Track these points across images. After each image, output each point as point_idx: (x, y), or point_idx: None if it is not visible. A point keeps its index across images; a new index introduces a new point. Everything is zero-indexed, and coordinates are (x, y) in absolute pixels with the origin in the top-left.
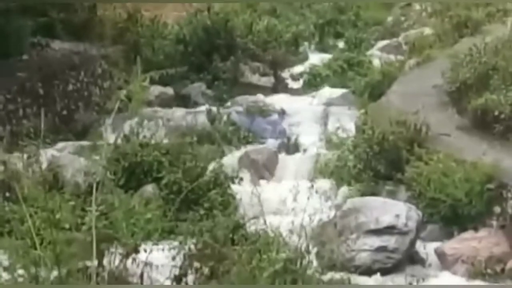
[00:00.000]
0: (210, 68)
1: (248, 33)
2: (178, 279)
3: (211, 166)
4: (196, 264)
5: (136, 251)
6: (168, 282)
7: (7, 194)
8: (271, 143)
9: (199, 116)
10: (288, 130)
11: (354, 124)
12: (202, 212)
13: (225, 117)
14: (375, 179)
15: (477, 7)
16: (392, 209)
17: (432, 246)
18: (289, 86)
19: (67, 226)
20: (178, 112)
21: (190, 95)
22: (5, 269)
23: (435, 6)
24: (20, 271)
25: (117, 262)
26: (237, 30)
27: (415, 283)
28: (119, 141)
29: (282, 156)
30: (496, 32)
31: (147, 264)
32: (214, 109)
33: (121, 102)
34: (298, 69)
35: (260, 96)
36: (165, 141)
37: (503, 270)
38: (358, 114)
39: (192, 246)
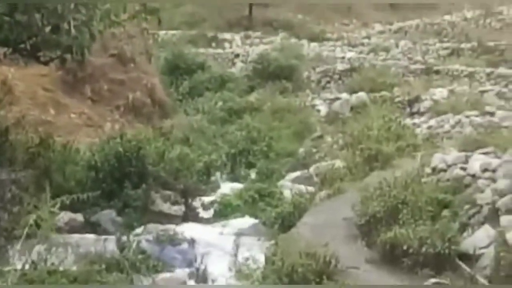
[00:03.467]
0: (121, 195)
1: (160, 161)
2: None
3: None
4: None
5: None
6: None
7: None
8: (180, 272)
9: (109, 243)
10: (198, 259)
11: (264, 255)
12: None
13: (134, 245)
14: None
15: (388, 141)
16: None
17: None
18: (200, 215)
19: None
20: (87, 239)
21: (100, 222)
22: None
23: (346, 139)
24: None
25: None
26: (149, 158)
27: None
28: (26, 267)
29: (191, 285)
30: (406, 167)
31: None
32: (124, 237)
33: (30, 228)
34: (209, 198)
35: (170, 225)
36: (74, 268)
37: None
38: (268, 245)
39: None
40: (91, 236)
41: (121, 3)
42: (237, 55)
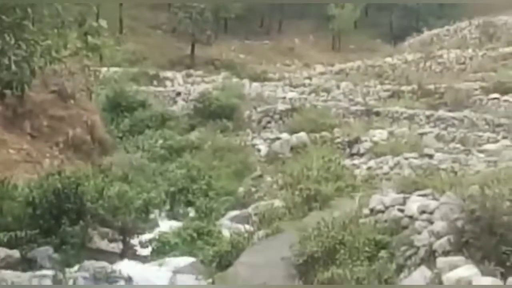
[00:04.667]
0: (58, 232)
1: (99, 198)
2: None
3: None
4: None
5: None
6: None
7: None
8: None
9: (45, 280)
10: None
11: None
12: None
13: (71, 282)
14: None
15: (327, 181)
16: None
17: None
18: (138, 253)
19: None
20: (23, 276)
21: (37, 258)
22: None
23: (286, 179)
24: None
25: None
26: (87, 194)
27: None
28: None
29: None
30: (344, 207)
31: None
32: (60, 273)
33: None
34: (147, 236)
35: (107, 262)
36: None
37: None
38: (205, 284)
39: None
40: (27, 273)
41: (63, 39)
42: (178, 94)
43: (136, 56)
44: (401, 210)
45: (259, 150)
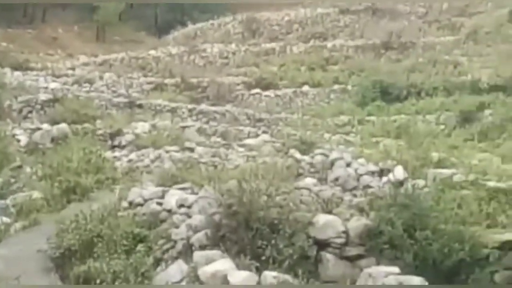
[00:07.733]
0: None
1: None
2: None
3: None
4: None
5: None
6: None
7: None
8: None
9: None
10: None
11: None
12: None
13: None
14: None
15: (87, 173)
16: None
17: None
18: None
19: None
20: None
21: None
22: None
23: (46, 170)
24: None
25: None
26: None
27: None
28: None
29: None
30: (104, 200)
31: None
32: None
33: None
34: None
35: None
36: None
37: None
38: None
39: None
40: None
41: None
42: None
43: None
44: (160, 204)
45: (19, 141)
